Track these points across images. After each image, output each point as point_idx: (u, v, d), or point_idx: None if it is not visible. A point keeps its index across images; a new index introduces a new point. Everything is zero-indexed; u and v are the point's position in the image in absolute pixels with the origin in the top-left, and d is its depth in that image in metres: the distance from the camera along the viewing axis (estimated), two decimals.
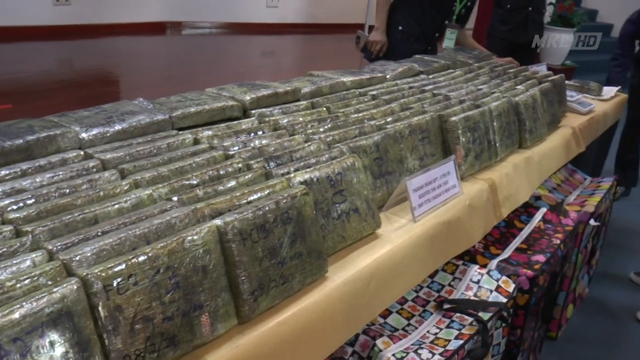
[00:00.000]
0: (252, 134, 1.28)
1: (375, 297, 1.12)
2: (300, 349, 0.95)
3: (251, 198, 0.96)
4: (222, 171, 1.06)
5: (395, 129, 1.37)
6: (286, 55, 7.67)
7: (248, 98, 1.44)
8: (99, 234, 0.79)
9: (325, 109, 1.52)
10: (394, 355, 1.23)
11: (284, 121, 1.38)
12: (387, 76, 1.94)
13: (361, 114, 1.48)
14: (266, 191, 0.99)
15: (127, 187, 0.95)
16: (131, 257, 0.73)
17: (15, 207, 0.85)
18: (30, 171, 0.97)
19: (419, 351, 1.26)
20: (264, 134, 1.29)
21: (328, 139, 1.28)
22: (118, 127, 1.15)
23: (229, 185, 1.01)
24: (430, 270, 1.34)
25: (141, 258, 0.74)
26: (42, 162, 1.00)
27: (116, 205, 0.88)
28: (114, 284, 0.70)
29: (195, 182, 1.01)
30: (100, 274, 0.70)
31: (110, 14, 6.59)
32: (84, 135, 1.10)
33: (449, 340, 1.32)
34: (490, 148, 1.66)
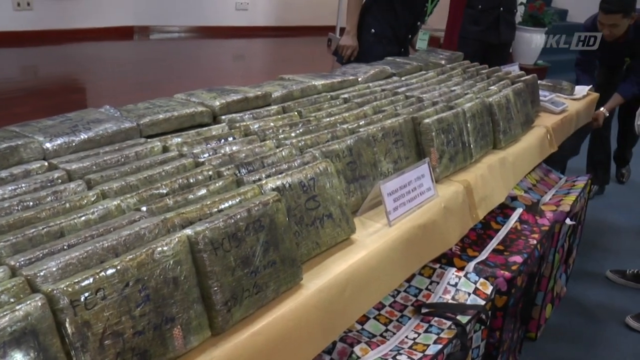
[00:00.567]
0: (223, 140, 1.28)
1: (352, 304, 1.12)
2: (276, 358, 0.95)
3: (222, 206, 0.95)
4: (192, 179, 1.05)
5: (368, 132, 1.38)
6: (257, 59, 7.66)
7: (218, 103, 1.43)
8: (65, 247, 0.77)
9: (296, 113, 1.52)
10: None
11: (254, 126, 1.38)
12: (359, 79, 1.95)
13: (333, 118, 1.49)
14: (237, 199, 0.99)
15: (94, 198, 0.94)
16: (99, 271, 0.72)
17: None
18: None
19: (398, 357, 1.27)
20: (235, 140, 1.29)
21: (300, 144, 1.28)
22: (84, 136, 1.14)
23: (199, 194, 1.00)
24: (407, 274, 1.35)
25: (109, 271, 0.73)
26: (4, 174, 0.98)
27: (83, 217, 0.87)
28: (82, 299, 0.69)
29: (164, 191, 1.00)
30: (66, 289, 0.69)
31: (75, 19, 6.50)
32: (48, 145, 1.08)
33: (428, 345, 1.33)
34: (464, 150, 1.68)
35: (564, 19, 8.31)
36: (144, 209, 0.92)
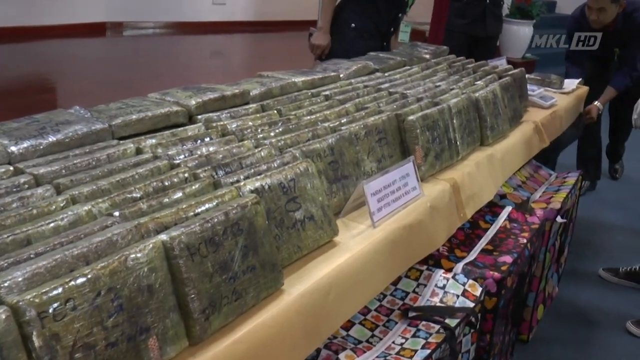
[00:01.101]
0: (199, 141, 1.28)
1: (336, 309, 1.12)
2: None
3: (199, 210, 0.95)
4: (167, 182, 1.05)
5: (350, 130, 1.39)
6: (235, 56, 7.65)
7: (194, 103, 1.43)
8: (32, 256, 0.77)
9: (276, 111, 1.53)
10: None
11: (232, 126, 1.38)
12: (341, 75, 1.95)
13: (314, 116, 1.49)
14: (214, 202, 0.99)
15: (64, 204, 0.94)
16: (68, 280, 0.72)
17: None
18: None
19: None
20: (212, 140, 1.29)
21: (279, 144, 1.28)
22: (52, 139, 1.13)
23: (174, 197, 1.00)
24: (392, 277, 1.36)
25: (80, 280, 0.72)
26: None
27: (51, 224, 0.86)
28: (50, 310, 0.69)
29: (138, 195, 0.99)
30: (33, 300, 0.68)
31: (42, 15, 6.44)
32: (14, 148, 1.07)
33: (416, 351, 1.34)
34: (450, 147, 1.69)
35: (552, 10, 8.41)
36: (117, 214, 0.91)
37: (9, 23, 6.17)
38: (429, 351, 1.33)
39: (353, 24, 2.90)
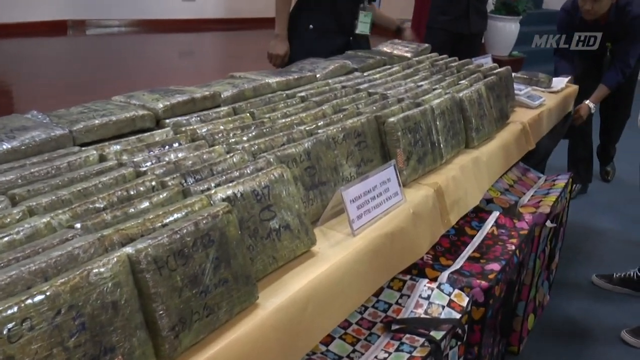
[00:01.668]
0: (167, 147, 1.27)
1: (314, 323, 1.13)
2: None
3: (167, 220, 0.95)
4: (133, 191, 1.04)
5: (327, 133, 1.39)
6: (205, 55, 7.63)
7: (161, 106, 1.43)
8: None
9: (248, 114, 1.53)
10: None
11: (202, 130, 1.38)
12: (317, 75, 1.96)
13: (289, 119, 1.49)
14: (183, 211, 0.98)
15: (20, 216, 0.93)
16: (25, 298, 0.71)
17: None
18: None
19: None
20: (180, 146, 1.29)
21: (253, 149, 1.28)
22: (7, 146, 1.11)
23: (141, 207, 0.99)
24: (374, 288, 1.36)
25: (37, 298, 0.72)
26: None
27: (6, 238, 0.85)
28: (4, 331, 0.68)
29: (101, 206, 0.99)
30: None
31: None
32: None
33: None
34: (434, 150, 1.71)
35: (539, 6, 8.53)
36: (78, 226, 0.90)
37: None
38: None
39: (311, 25, 2.86)
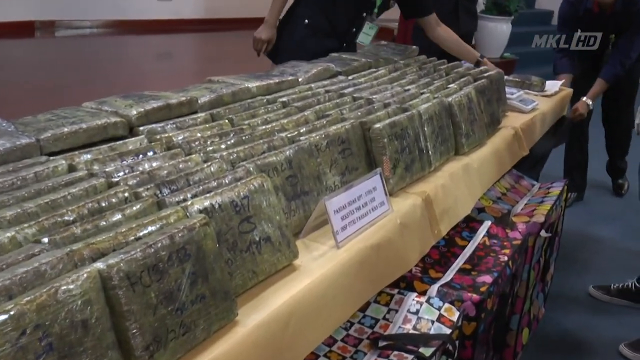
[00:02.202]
0: (141, 156, 1.27)
1: (297, 340, 1.13)
2: None
3: (140, 233, 0.95)
4: (104, 203, 1.04)
5: (310, 141, 1.40)
6: (182, 58, 7.62)
7: (134, 112, 1.43)
8: None
9: (227, 121, 1.53)
10: None
11: (178, 138, 1.38)
12: (300, 79, 1.97)
13: (270, 126, 1.50)
14: (158, 224, 0.98)
15: None
16: None
17: None
18: None
19: None
20: (155, 154, 1.29)
21: (231, 157, 1.28)
22: None
23: (112, 220, 0.99)
24: (360, 303, 1.36)
25: (1, 318, 0.71)
26: None
27: None
28: None
29: (70, 218, 0.99)
30: None
31: None
32: None
33: None
34: (422, 157, 1.72)
35: (531, 5, 8.62)
36: (46, 240, 0.90)
37: None
38: None
39: (306, 20, 2.89)
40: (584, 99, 3.71)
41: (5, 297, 0.75)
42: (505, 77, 2.83)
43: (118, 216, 1.00)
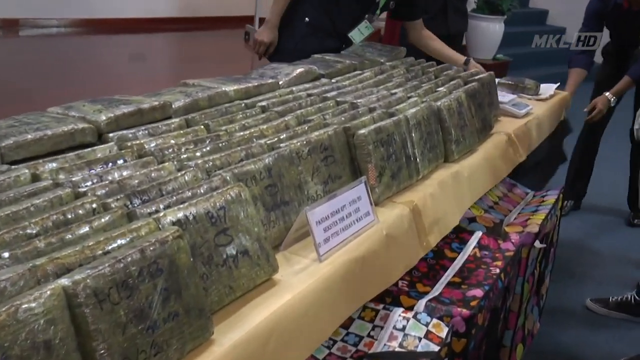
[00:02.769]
0: (110, 164, 1.27)
1: (277, 359, 1.13)
2: None
3: (109, 247, 0.95)
4: (71, 214, 1.04)
5: (290, 148, 1.40)
6: (156, 59, 7.60)
7: (104, 118, 1.42)
8: None
9: (202, 127, 1.53)
10: None
11: (150, 145, 1.38)
12: (280, 82, 1.98)
13: (248, 132, 1.50)
14: (128, 237, 0.98)
15: None
16: None
17: None
18: None
19: None
20: (125, 163, 1.28)
21: (207, 165, 1.28)
22: None
23: (79, 233, 0.99)
24: (343, 319, 1.37)
25: None
26: None
27: None
28: None
29: (33, 232, 0.98)
30: None
31: None
32: None
33: None
34: (409, 165, 1.73)
35: (525, 4, 8.71)
36: (6, 255, 0.89)
37: None
38: None
39: (307, 18, 2.92)
40: (606, 94, 3.71)
41: None
42: (498, 80, 2.86)
43: (85, 229, 1.00)
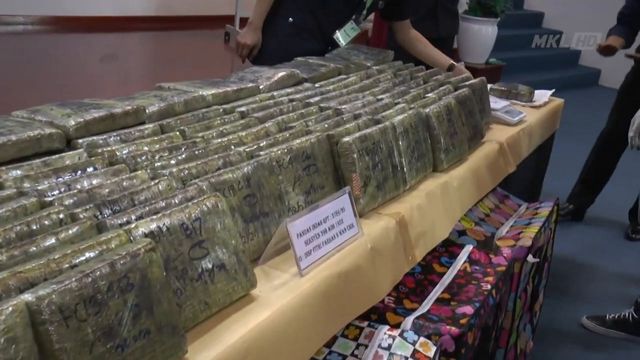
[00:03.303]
0: (79, 172, 1.27)
1: None
2: None
3: (76, 260, 0.94)
4: (36, 225, 1.03)
5: (271, 156, 1.41)
6: (130, 61, 7.58)
7: (73, 123, 1.42)
8: None
9: (178, 133, 1.53)
10: None
11: (122, 152, 1.38)
12: (261, 87, 1.98)
13: (226, 139, 1.50)
14: (97, 250, 0.98)
15: None
16: None
17: None
18: None
19: None
20: (96, 170, 1.28)
21: (182, 174, 1.28)
22: None
23: (45, 245, 0.99)
24: (326, 337, 1.37)
25: None
26: None
27: None
28: None
29: None
30: None
31: None
32: None
33: None
34: (396, 174, 1.74)
35: (519, 6, 8.78)
36: None
37: None
38: None
39: (291, 18, 2.92)
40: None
41: None
42: (490, 86, 2.88)
43: (51, 241, 1.00)
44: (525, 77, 6.65)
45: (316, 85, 2.16)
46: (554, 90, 3.41)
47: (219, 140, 1.50)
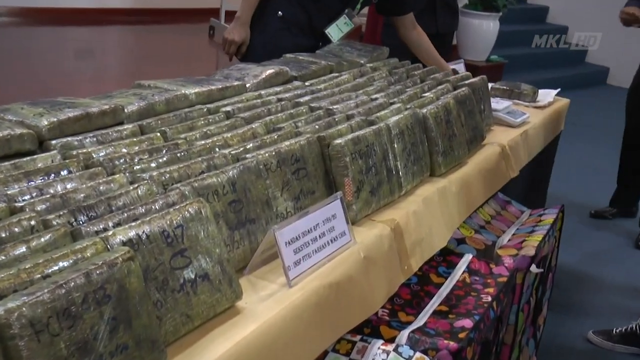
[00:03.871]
0: (52, 176, 1.26)
1: None
2: None
3: (49, 270, 0.94)
4: (5, 233, 1.03)
5: (258, 159, 1.41)
6: (108, 56, 7.56)
7: (46, 123, 1.41)
8: None
9: (159, 134, 1.53)
10: None
11: (99, 154, 1.37)
12: (247, 85, 1.98)
13: (210, 140, 1.50)
14: (72, 259, 0.98)
15: None
16: None
17: None
18: None
19: None
20: (70, 174, 1.28)
21: (163, 178, 1.28)
22: None
23: (14, 254, 0.98)
24: (316, 352, 1.37)
25: None
26: None
27: None
28: None
29: None
30: None
31: None
32: None
33: None
34: (391, 179, 1.74)
35: (523, 0, 8.80)
36: None
37: None
38: None
39: (280, 12, 2.92)
40: None
41: None
42: (491, 85, 2.88)
43: (22, 249, 0.99)
44: (529, 76, 6.68)
45: (306, 83, 2.16)
46: (559, 89, 3.41)
47: (203, 142, 1.50)
